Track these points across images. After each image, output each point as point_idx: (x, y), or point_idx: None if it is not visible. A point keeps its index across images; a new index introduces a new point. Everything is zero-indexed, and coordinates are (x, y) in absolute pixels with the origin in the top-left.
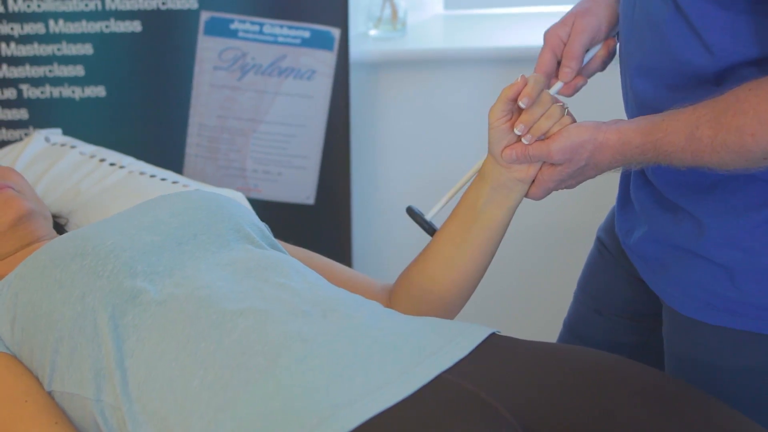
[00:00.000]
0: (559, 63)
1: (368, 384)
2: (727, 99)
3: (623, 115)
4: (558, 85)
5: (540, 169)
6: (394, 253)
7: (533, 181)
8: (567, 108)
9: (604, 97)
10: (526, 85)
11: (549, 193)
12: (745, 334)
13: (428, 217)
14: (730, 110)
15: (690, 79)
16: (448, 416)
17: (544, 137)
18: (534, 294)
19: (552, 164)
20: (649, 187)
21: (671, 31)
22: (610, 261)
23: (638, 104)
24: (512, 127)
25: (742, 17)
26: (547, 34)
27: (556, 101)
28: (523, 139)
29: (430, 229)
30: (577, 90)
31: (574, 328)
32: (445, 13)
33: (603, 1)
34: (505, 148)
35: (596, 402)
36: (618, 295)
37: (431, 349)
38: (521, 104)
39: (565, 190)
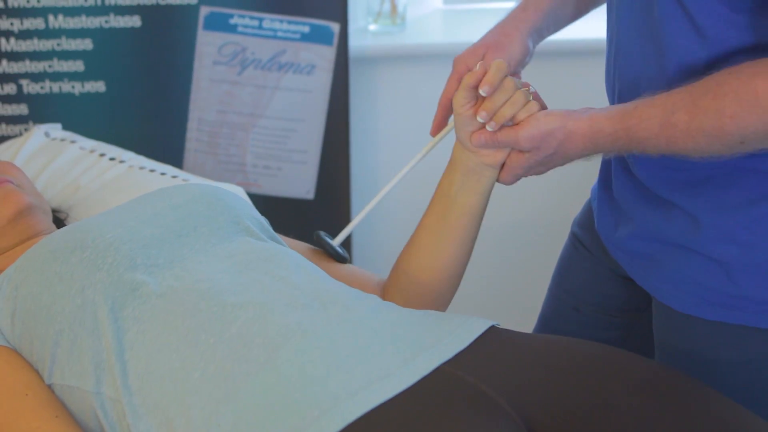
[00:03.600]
0: None
1: (368, 375)
2: (705, 83)
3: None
4: None
5: (509, 155)
6: (393, 248)
7: (503, 166)
8: (534, 93)
9: (591, 89)
10: (486, 72)
11: (519, 179)
12: (741, 329)
13: (335, 241)
14: (709, 94)
15: (679, 68)
16: (448, 408)
17: (513, 123)
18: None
19: (520, 151)
20: (636, 184)
21: (663, 13)
22: (587, 257)
23: (625, 93)
24: (476, 113)
25: (742, 4)
26: (456, 61)
27: (522, 86)
28: (487, 126)
29: (337, 255)
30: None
31: (550, 325)
32: (444, 8)
33: (514, 37)
34: (474, 132)
35: (595, 393)
36: (597, 291)
37: (431, 341)
38: (482, 92)
39: (537, 178)
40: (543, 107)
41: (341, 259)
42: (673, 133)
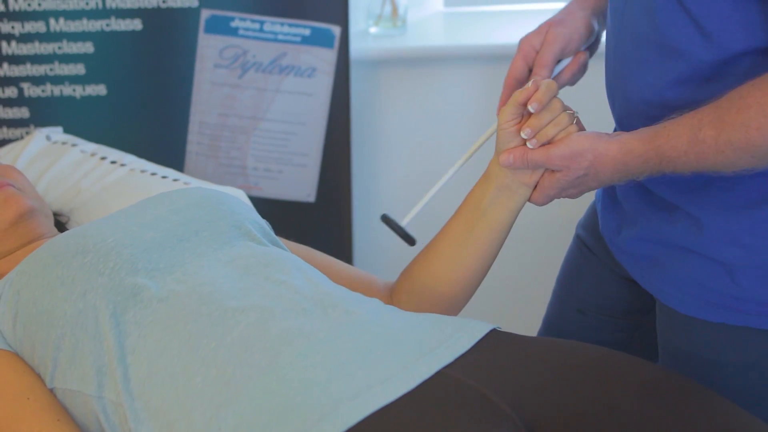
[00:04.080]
0: (530, 71)
1: (369, 379)
2: (729, 98)
3: (610, 117)
4: None
5: (542, 175)
6: (394, 251)
7: (536, 186)
8: (577, 117)
9: (595, 99)
10: (537, 90)
11: (551, 200)
12: (744, 330)
13: (403, 223)
14: (734, 108)
15: (683, 73)
16: (449, 411)
17: (547, 143)
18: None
19: (552, 171)
20: (639, 186)
21: (665, 19)
22: (592, 259)
23: (628, 101)
24: (519, 130)
25: (750, 4)
26: (521, 42)
27: (567, 109)
28: (528, 143)
29: (406, 237)
30: None
31: (554, 327)
32: (445, 11)
33: (578, 15)
34: (504, 151)
35: (597, 396)
36: (601, 294)
37: (432, 345)
38: (530, 108)
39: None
40: (580, 130)
41: (410, 241)
42: (702, 149)
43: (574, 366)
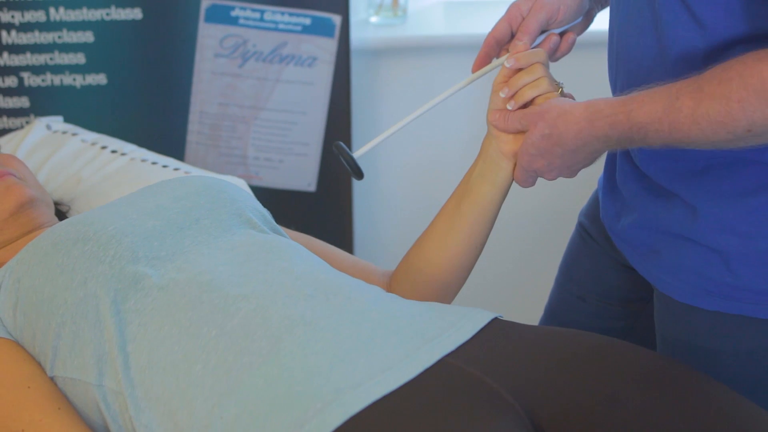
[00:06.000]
0: (513, 36)
1: (371, 368)
2: (711, 71)
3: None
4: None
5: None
6: (394, 240)
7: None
8: (562, 88)
9: (594, 82)
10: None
11: (528, 176)
12: (740, 319)
13: (356, 155)
14: (715, 79)
15: (681, 60)
16: (451, 400)
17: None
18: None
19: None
20: (638, 174)
21: (663, 5)
22: (594, 247)
23: (629, 87)
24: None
25: None
26: (511, 5)
27: (554, 80)
28: (507, 105)
29: (356, 169)
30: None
31: (556, 315)
32: (445, 0)
33: None
34: (494, 110)
35: (599, 385)
36: (602, 281)
37: (434, 333)
38: (506, 64)
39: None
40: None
41: (359, 174)
42: (678, 118)
43: (576, 355)
